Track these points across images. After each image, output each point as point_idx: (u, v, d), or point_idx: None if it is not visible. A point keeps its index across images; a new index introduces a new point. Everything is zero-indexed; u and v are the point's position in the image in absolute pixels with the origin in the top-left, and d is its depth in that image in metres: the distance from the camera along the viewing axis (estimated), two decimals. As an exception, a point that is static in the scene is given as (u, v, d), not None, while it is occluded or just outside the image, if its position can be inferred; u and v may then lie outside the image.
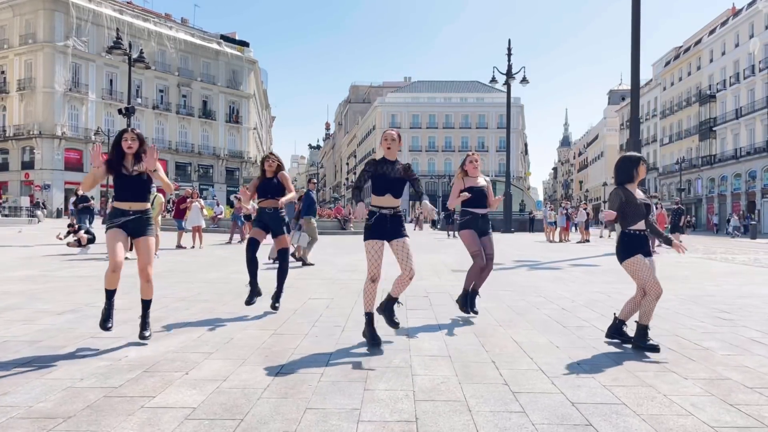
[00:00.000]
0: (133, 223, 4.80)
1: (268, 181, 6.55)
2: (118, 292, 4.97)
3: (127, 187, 4.82)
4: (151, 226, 4.91)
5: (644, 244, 4.88)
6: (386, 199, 4.94)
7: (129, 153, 4.84)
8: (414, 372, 4.06)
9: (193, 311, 6.38)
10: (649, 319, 4.84)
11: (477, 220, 6.22)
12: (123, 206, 4.82)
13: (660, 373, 4.12)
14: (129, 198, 4.83)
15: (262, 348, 4.72)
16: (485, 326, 5.76)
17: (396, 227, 4.96)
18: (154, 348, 4.67)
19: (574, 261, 14.38)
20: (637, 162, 4.96)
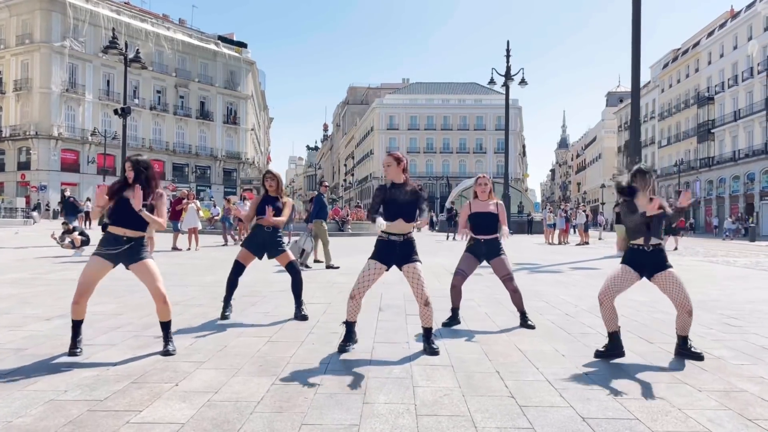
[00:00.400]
0: (127, 252, 4.51)
1: (270, 200, 6.25)
2: (109, 296, 4.78)
3: (124, 213, 4.54)
4: (145, 250, 4.61)
5: (641, 260, 4.66)
6: (397, 224, 4.75)
7: (131, 181, 4.59)
8: (415, 383, 3.88)
9: (187, 317, 6.19)
10: (684, 332, 4.71)
11: (480, 247, 5.98)
12: (117, 231, 4.53)
13: (672, 384, 3.95)
14: (125, 224, 4.53)
15: (256, 357, 4.53)
16: (487, 333, 5.59)
17: (407, 252, 4.77)
18: (143, 357, 4.48)
19: (575, 264, 14.22)
20: (634, 175, 4.73)
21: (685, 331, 4.74)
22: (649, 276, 4.70)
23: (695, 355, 4.65)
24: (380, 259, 4.75)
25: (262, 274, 10.40)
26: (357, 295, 4.71)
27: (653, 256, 4.67)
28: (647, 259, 4.67)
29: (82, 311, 4.60)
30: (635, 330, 5.79)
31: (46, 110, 51.51)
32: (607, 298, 4.69)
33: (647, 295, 8.30)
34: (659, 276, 4.65)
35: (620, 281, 4.67)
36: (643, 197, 4.66)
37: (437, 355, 4.65)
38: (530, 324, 5.90)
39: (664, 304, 7.55)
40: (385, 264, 4.76)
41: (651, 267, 4.67)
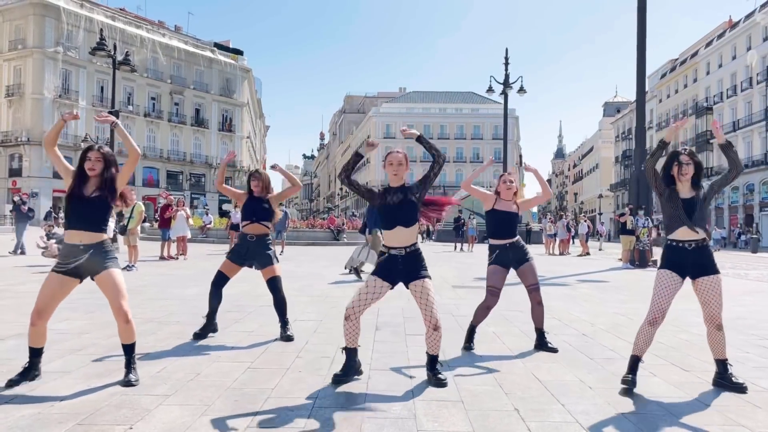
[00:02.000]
0: (87, 262, 3.88)
1: (256, 202, 5.59)
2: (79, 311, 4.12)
3: (80, 213, 3.92)
4: (110, 257, 3.96)
5: (683, 258, 4.02)
6: (396, 232, 4.08)
7: (91, 175, 3.96)
8: (419, 425, 3.22)
9: (160, 336, 5.51)
10: (722, 354, 4.11)
11: (507, 253, 5.19)
12: (73, 239, 3.90)
13: (726, 427, 3.30)
14: (80, 226, 3.92)
15: (232, 389, 3.86)
16: (499, 359, 4.93)
17: (412, 267, 4.08)
18: (99, 388, 3.81)
19: (580, 276, 13.58)
20: (672, 158, 4.09)
21: (723, 353, 4.11)
22: (692, 277, 4.06)
23: (737, 386, 4.01)
24: (382, 274, 4.07)
25: (249, 286, 9.72)
26: (352, 315, 3.99)
27: (697, 254, 4.04)
28: (690, 259, 4.03)
29: (41, 336, 3.95)
30: (664, 355, 5.14)
31: (39, 116, 50.75)
32: (659, 318, 4.02)
33: (669, 313, 7.66)
34: (703, 281, 4.03)
35: (666, 291, 3.99)
36: (682, 186, 4.04)
37: (444, 387, 3.98)
38: (551, 347, 5.21)
39: (686, 321, 6.92)
40: (389, 282, 4.08)
41: (695, 268, 4.03)
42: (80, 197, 3.92)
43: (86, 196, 3.93)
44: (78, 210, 3.92)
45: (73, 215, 3.93)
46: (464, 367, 4.59)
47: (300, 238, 27.19)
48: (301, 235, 27.93)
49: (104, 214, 4.00)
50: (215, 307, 5.62)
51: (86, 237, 3.91)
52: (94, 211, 3.94)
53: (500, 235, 5.22)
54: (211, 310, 5.60)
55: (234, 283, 10.09)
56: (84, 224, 3.91)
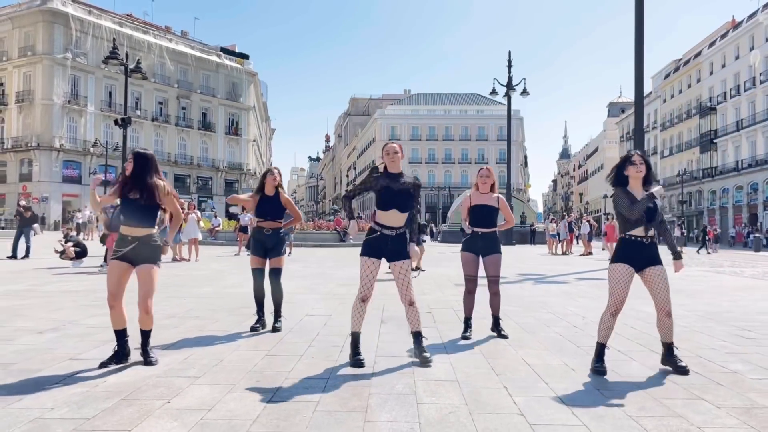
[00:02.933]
0: (133, 251, 4.48)
1: (269, 200, 6.08)
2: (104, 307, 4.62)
3: (128, 211, 4.55)
4: (154, 253, 4.56)
5: (638, 252, 4.44)
6: (391, 214, 4.60)
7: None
8: (419, 400, 3.69)
9: (182, 329, 6.00)
10: (669, 338, 4.51)
11: (477, 240, 5.79)
12: (125, 231, 4.54)
13: (689, 401, 3.75)
14: (129, 223, 4.54)
15: (253, 371, 4.34)
16: (494, 346, 5.39)
17: (398, 247, 4.63)
18: (135, 372, 4.30)
19: (580, 274, 14.01)
20: (625, 160, 4.52)
21: (669, 337, 4.53)
22: (639, 269, 4.44)
23: (680, 368, 4.42)
24: (372, 253, 4.61)
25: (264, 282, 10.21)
26: (368, 296, 4.58)
27: (650, 248, 4.46)
28: (644, 252, 4.44)
29: (121, 318, 4.55)
30: (646, 343, 5.59)
31: (48, 122, 51.50)
32: (620, 308, 4.47)
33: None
34: (651, 271, 4.42)
35: (622, 282, 4.38)
36: (635, 184, 4.45)
37: (429, 366, 4.50)
38: (503, 334, 5.75)
39: (675, 315, 7.35)
40: (379, 257, 4.63)
41: (645, 260, 4.43)
42: (128, 199, 4.53)
43: (130, 198, 4.52)
44: (126, 209, 4.54)
45: (125, 214, 4.55)
46: (461, 353, 5.06)
47: (307, 240, 27.66)
48: (307, 236, 28.40)
49: (149, 211, 4.56)
50: (262, 302, 6.17)
51: (135, 231, 4.50)
52: (139, 210, 4.52)
53: (475, 224, 5.80)
54: (259, 306, 6.16)
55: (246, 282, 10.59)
56: (132, 221, 4.52)
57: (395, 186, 4.60)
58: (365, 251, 4.62)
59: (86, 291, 9.17)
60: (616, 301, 4.41)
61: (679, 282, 12.22)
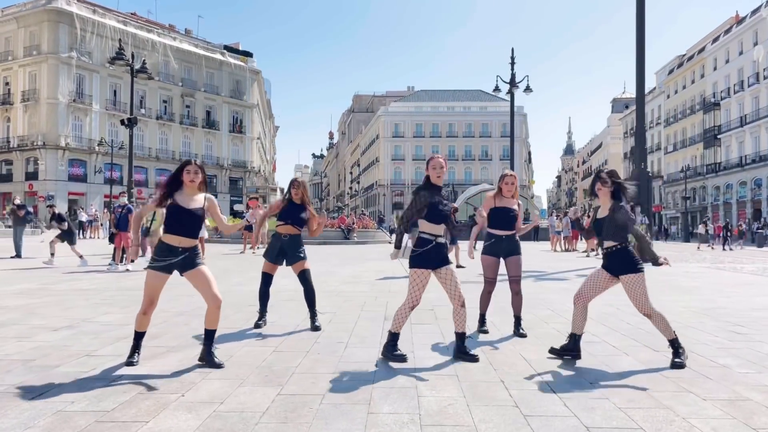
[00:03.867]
0: (182, 261, 4.54)
1: (295, 207, 6.25)
2: (116, 305, 4.81)
3: (182, 222, 4.54)
4: (199, 256, 4.66)
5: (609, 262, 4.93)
6: (441, 227, 4.85)
7: (191, 185, 4.60)
8: (420, 393, 3.89)
9: (193, 326, 6.21)
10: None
11: (500, 243, 5.96)
12: (173, 241, 4.54)
13: (677, 393, 3.94)
14: (181, 232, 4.55)
15: (262, 367, 4.55)
16: (492, 342, 5.59)
17: (442, 255, 4.86)
18: (150, 367, 4.51)
19: (581, 271, 14.18)
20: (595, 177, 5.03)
21: (671, 333, 4.83)
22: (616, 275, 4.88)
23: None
24: (425, 264, 4.76)
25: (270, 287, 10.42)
26: (417, 304, 4.82)
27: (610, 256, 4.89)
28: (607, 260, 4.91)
29: (147, 323, 4.70)
30: (640, 338, 5.78)
31: (54, 121, 51.83)
32: (581, 300, 5.00)
33: (653, 303, 8.29)
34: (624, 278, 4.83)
35: (596, 285, 4.97)
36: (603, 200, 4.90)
37: (476, 361, 4.72)
38: (522, 332, 5.92)
39: (670, 310, 7.54)
40: (429, 267, 4.79)
41: (616, 268, 4.84)
42: (182, 209, 4.53)
43: (186, 208, 4.54)
44: (178, 218, 4.53)
45: (176, 223, 4.54)
46: (461, 349, 5.25)
47: (310, 238, 27.84)
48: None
49: (201, 222, 4.67)
50: (265, 304, 6.38)
51: (186, 242, 4.56)
52: (194, 221, 4.58)
53: (497, 227, 5.96)
54: (262, 307, 6.36)
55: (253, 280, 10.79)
56: (185, 232, 4.55)
57: (439, 199, 4.80)
58: (418, 263, 4.76)
59: (98, 290, 9.40)
60: (586, 295, 5.04)
61: (677, 278, 12.39)
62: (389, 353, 4.78)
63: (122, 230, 12.82)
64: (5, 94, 53.95)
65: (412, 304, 4.76)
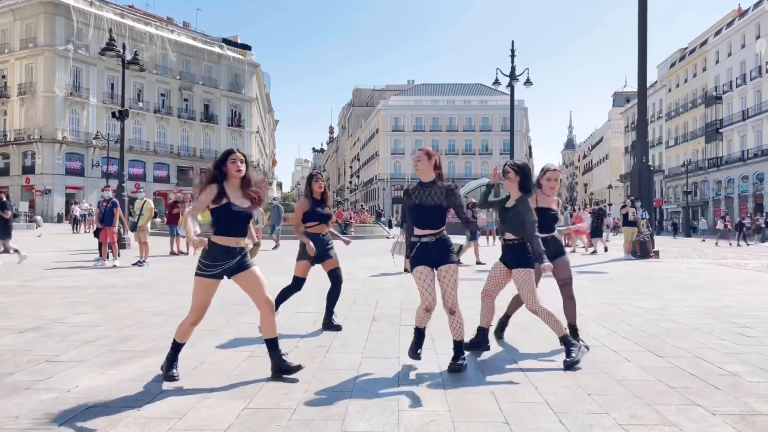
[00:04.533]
0: (236, 264, 4.04)
1: (320, 204, 5.95)
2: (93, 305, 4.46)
3: (238, 220, 4.04)
4: (248, 256, 4.16)
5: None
6: (426, 231, 4.42)
7: (237, 177, 4.11)
8: (401, 406, 3.54)
9: (169, 328, 5.84)
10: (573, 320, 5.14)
11: (547, 246, 5.06)
12: (230, 242, 4.01)
13: (684, 407, 3.59)
14: (239, 233, 4.07)
15: (233, 375, 4.20)
16: (488, 348, 5.23)
17: (443, 252, 4.39)
18: (111, 375, 4.16)
19: (581, 267, 13.81)
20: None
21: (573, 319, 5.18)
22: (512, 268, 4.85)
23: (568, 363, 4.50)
24: (422, 262, 4.39)
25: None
26: (432, 305, 4.36)
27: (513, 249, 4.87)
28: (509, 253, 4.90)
29: (190, 335, 4.24)
30: (643, 342, 5.42)
31: (51, 114, 51.43)
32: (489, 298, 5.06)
33: (656, 302, 7.95)
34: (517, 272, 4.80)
35: (498, 280, 4.97)
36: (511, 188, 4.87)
37: (460, 371, 4.34)
38: (584, 345, 5.07)
39: (674, 310, 7.20)
40: (429, 264, 4.39)
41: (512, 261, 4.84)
42: (236, 206, 4.02)
43: (237, 208, 4.03)
44: (233, 218, 4.01)
45: (232, 222, 4.01)
46: (451, 353, 4.89)
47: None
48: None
49: (249, 221, 4.20)
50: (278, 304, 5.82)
51: (242, 242, 4.09)
52: (247, 218, 4.12)
53: (540, 230, 5.04)
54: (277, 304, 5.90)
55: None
56: (242, 231, 4.09)
57: (427, 201, 4.36)
58: (414, 263, 4.41)
59: (79, 287, 9.05)
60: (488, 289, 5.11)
61: (679, 275, 12.04)
62: (410, 352, 4.49)
63: (107, 225, 12.45)
64: (1, 87, 53.55)
65: (424, 306, 4.37)
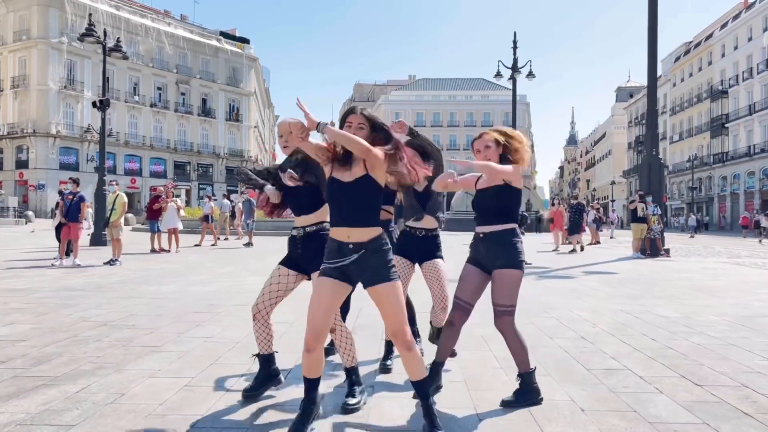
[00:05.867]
0: (356, 265, 2.96)
1: None
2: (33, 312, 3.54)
3: (342, 200, 2.99)
4: (390, 264, 2.99)
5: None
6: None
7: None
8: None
9: (103, 344, 4.91)
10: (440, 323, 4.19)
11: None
12: (338, 235, 3.00)
13: (747, 468, 2.65)
14: (347, 221, 2.97)
15: (154, 415, 3.25)
16: (480, 368, 4.29)
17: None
18: (3, 416, 3.22)
19: (588, 267, 12.85)
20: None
21: (440, 323, 4.14)
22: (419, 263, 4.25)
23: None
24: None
25: (233, 281, 9.14)
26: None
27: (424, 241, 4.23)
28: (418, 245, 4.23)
29: (319, 364, 3.07)
30: (673, 364, 4.45)
31: (44, 108, 50.44)
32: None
33: (678, 309, 6.99)
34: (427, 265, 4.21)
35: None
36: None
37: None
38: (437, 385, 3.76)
39: (702, 320, 6.24)
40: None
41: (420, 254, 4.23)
42: (340, 182, 3.00)
43: (344, 181, 2.99)
44: (340, 196, 2.99)
45: (334, 204, 3.03)
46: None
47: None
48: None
49: (372, 199, 3.02)
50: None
51: (354, 233, 2.96)
52: (359, 198, 2.97)
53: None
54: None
55: (216, 279, 9.51)
56: (350, 216, 2.97)
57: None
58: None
59: (31, 290, 8.12)
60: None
61: (695, 276, 11.09)
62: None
63: (72, 221, 11.48)
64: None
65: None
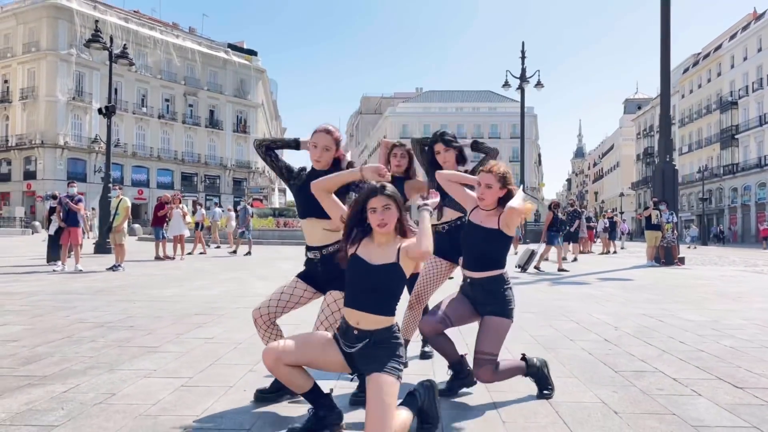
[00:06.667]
0: (362, 357, 2.60)
1: (398, 183, 4.76)
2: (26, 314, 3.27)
3: (361, 283, 2.63)
4: (399, 359, 2.58)
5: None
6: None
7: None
8: None
9: (98, 345, 4.64)
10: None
11: None
12: (348, 316, 2.67)
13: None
14: (360, 304, 2.60)
15: (146, 415, 2.97)
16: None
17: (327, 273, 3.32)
18: (-27, 415, 2.94)
19: (602, 274, 12.53)
20: None
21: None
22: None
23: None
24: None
25: (239, 286, 8.88)
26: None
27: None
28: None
29: (306, 380, 2.75)
30: (709, 366, 4.13)
31: (53, 119, 50.60)
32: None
33: (704, 314, 6.66)
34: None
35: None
36: None
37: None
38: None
39: (728, 323, 5.91)
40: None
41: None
42: (363, 262, 2.65)
43: (373, 264, 2.63)
44: (358, 281, 2.64)
45: (352, 288, 2.67)
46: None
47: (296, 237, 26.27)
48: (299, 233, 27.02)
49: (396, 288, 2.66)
50: None
51: (365, 320, 2.57)
52: (381, 283, 2.60)
53: None
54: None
55: (221, 282, 9.26)
56: (363, 302, 2.60)
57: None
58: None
59: (28, 293, 7.88)
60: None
61: (716, 283, 10.74)
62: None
63: (72, 225, 11.24)
64: (3, 92, 52.85)
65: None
